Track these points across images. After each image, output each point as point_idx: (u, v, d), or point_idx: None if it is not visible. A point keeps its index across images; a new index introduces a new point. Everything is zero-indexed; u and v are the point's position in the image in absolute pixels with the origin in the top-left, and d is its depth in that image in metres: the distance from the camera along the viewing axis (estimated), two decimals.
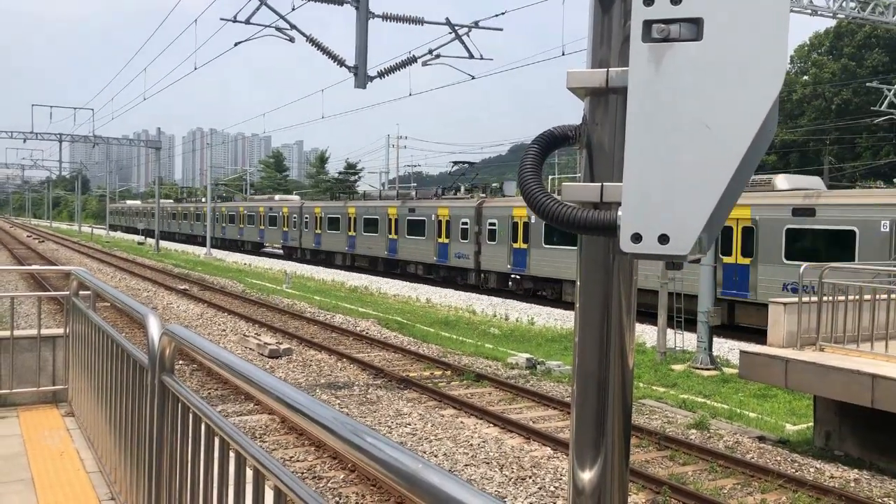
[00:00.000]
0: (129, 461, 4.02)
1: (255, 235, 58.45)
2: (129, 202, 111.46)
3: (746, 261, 21.69)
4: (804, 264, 12.00)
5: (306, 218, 49.23)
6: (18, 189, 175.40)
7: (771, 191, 21.79)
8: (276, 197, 61.84)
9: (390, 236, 39.77)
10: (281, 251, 57.01)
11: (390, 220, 39.91)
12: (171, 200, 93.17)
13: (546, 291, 29.92)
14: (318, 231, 47.50)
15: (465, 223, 34.13)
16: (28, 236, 74.62)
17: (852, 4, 22.08)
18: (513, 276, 31.50)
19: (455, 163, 42.97)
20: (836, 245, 19.35)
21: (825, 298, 10.92)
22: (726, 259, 22.04)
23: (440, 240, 35.95)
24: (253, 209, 58.71)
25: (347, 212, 44.10)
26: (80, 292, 6.19)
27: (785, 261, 20.43)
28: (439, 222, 36.00)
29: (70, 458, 5.39)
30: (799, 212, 20.43)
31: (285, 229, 52.34)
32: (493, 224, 32.48)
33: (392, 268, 40.90)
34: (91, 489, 4.83)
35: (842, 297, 11.02)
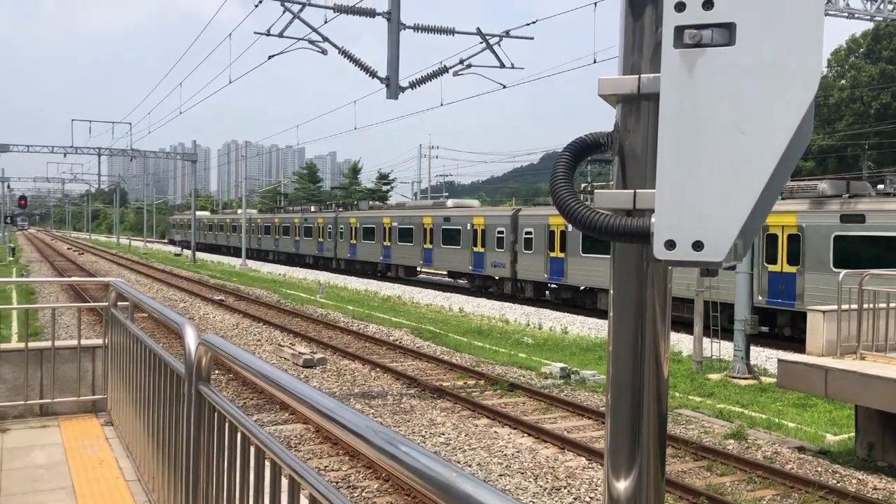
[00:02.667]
0: (167, 469, 4.07)
1: (415, 257, 40.37)
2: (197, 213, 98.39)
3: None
4: (843, 271, 11.78)
5: (528, 232, 31.44)
6: (59, 202, 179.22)
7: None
8: (451, 202, 43.68)
9: (772, 268, 21.44)
10: (459, 281, 39.41)
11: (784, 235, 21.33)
12: (256, 211, 78.35)
13: None
14: (559, 254, 29.61)
15: None
16: (68, 248, 76.15)
17: (890, 7, 21.72)
18: None
19: None
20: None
21: (866, 306, 10.71)
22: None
23: None
24: (409, 219, 40.93)
25: None
26: (119, 303, 6.28)
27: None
28: None
29: (109, 467, 5.46)
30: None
31: (478, 249, 34.59)
32: None
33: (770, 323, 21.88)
34: (130, 497, 4.89)
35: (883, 304, 10.80)
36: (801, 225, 20.75)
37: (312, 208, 58.05)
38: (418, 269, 43.11)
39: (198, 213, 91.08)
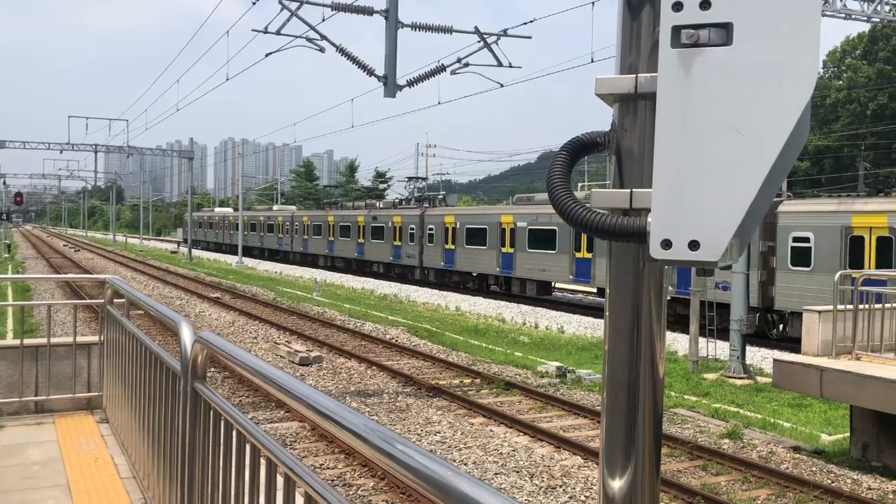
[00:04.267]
0: (162, 467, 4.06)
1: (558, 270, 30.02)
2: (217, 209, 79.96)
3: None
4: (839, 271, 11.80)
5: (801, 239, 20.98)
6: (55, 199, 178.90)
7: None
8: None
9: None
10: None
11: None
12: (293, 207, 69.52)
13: None
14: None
15: None
16: (64, 245, 75.99)
17: (887, 8, 21.75)
18: None
19: None
20: None
21: (861, 306, 10.73)
22: None
23: None
24: (549, 219, 30.10)
25: None
26: (115, 300, 6.28)
27: None
28: None
29: (104, 464, 5.46)
30: None
31: None
32: None
33: None
34: (125, 495, 4.89)
35: (878, 305, 10.82)
36: None
37: (379, 204, 46.70)
38: (555, 284, 32.15)
39: (219, 209, 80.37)
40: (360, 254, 44.89)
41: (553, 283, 32.47)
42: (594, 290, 32.09)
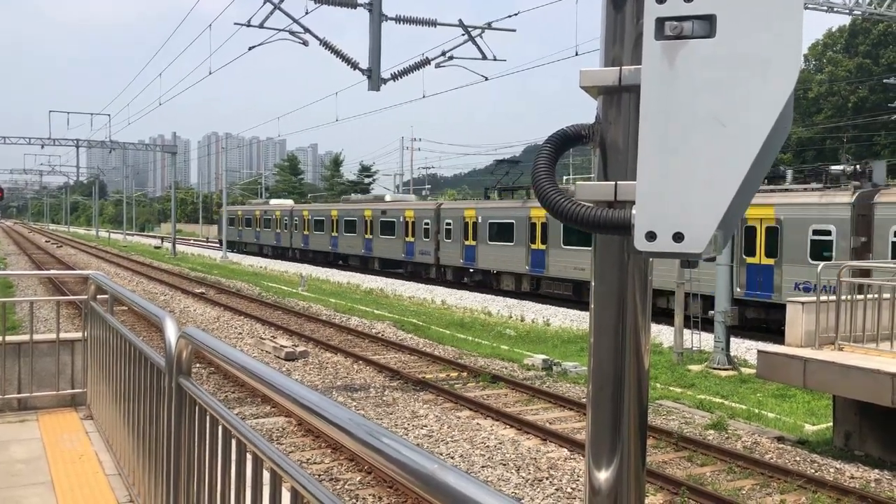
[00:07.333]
0: (148, 463, 4.04)
1: None
2: (273, 201, 63.44)
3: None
4: (821, 263, 11.89)
5: None
6: (37, 195, 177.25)
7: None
8: None
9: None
10: None
11: None
12: (412, 196, 53.18)
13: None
14: None
15: None
16: (46, 241, 75.33)
17: (867, 1, 21.89)
18: None
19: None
20: None
21: (844, 297, 10.82)
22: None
23: None
24: None
25: None
26: (98, 296, 6.23)
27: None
28: None
29: (89, 461, 5.42)
30: None
31: None
32: None
33: None
34: (110, 491, 4.86)
35: (860, 296, 10.92)
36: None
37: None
38: None
39: (276, 201, 63.60)
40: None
41: None
42: None
